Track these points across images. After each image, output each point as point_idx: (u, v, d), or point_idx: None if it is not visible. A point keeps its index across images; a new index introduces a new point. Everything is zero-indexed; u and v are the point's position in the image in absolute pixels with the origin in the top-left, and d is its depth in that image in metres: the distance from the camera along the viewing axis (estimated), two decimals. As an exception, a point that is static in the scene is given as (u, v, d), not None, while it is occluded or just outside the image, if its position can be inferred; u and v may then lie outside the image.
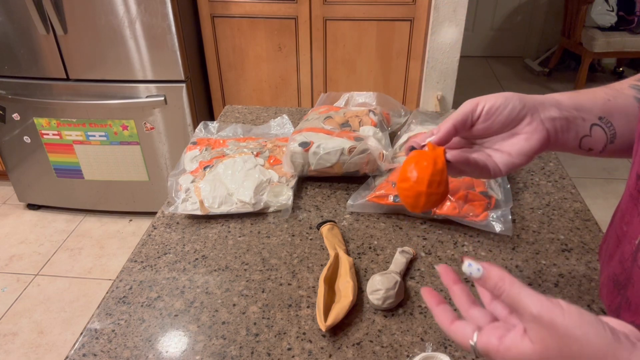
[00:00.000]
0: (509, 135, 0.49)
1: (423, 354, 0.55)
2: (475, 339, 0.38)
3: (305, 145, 0.86)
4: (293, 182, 0.88)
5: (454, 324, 0.41)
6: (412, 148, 0.50)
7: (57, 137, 2.05)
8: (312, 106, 1.52)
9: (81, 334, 0.62)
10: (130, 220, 2.30)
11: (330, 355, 0.58)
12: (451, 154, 0.49)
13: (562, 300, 0.36)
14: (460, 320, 0.41)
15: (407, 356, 0.58)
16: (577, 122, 0.49)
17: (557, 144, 0.50)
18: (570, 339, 0.34)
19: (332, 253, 0.70)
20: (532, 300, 0.36)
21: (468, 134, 0.51)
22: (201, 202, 0.82)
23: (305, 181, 0.92)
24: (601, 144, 0.50)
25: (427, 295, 0.44)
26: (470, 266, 0.38)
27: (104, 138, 2.03)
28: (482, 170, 0.50)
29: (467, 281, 0.64)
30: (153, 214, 2.03)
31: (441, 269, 0.43)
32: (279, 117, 1.10)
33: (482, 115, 0.48)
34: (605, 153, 0.51)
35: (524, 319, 0.36)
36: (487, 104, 0.48)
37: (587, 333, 0.34)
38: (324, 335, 0.60)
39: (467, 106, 0.49)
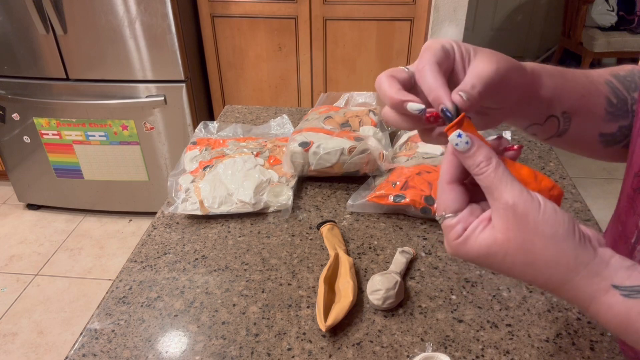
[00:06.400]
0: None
1: (423, 354, 0.55)
2: (445, 217, 0.37)
3: (305, 145, 0.86)
4: (293, 182, 0.88)
5: (452, 185, 0.37)
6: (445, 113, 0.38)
7: (57, 137, 2.05)
8: (312, 106, 1.52)
9: (81, 334, 0.62)
10: (130, 220, 2.30)
11: (330, 355, 0.58)
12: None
13: (540, 196, 0.34)
14: (459, 187, 0.37)
15: (407, 356, 0.58)
16: (540, 111, 0.46)
17: (505, 121, 0.46)
18: (538, 235, 0.33)
19: (332, 253, 0.70)
20: (511, 187, 0.34)
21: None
22: (201, 202, 0.82)
23: (305, 181, 0.92)
24: (548, 134, 0.48)
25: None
26: (460, 137, 0.35)
27: (104, 138, 2.03)
28: None
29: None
30: (153, 214, 2.03)
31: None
32: (279, 117, 1.10)
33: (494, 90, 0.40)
34: (549, 141, 0.49)
35: (496, 205, 0.34)
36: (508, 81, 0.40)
37: (556, 233, 0.33)
38: (324, 336, 0.60)
39: (490, 74, 0.40)
